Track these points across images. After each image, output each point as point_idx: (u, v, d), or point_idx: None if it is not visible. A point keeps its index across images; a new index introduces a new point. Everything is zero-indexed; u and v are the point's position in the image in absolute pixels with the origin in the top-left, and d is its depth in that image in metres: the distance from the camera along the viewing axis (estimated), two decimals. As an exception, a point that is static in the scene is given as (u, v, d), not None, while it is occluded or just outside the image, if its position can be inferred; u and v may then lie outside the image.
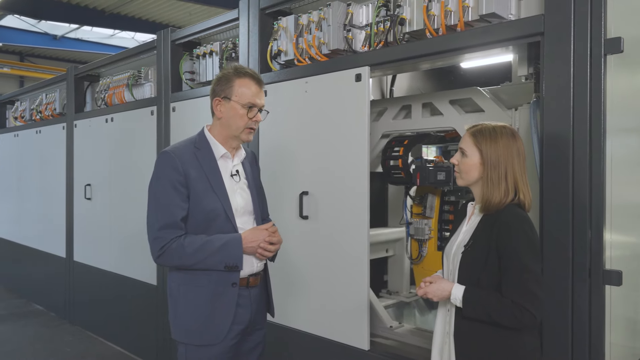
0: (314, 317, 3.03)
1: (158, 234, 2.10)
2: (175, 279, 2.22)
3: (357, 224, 2.81)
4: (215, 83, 2.23)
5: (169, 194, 2.11)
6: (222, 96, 2.19)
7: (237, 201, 2.24)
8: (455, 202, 3.39)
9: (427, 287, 1.95)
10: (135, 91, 4.62)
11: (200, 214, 2.14)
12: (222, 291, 2.15)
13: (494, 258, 1.82)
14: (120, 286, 4.71)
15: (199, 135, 2.27)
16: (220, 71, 2.28)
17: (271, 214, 3.26)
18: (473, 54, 2.55)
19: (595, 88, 2.00)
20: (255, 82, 2.22)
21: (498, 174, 1.86)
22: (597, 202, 2.00)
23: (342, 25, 2.94)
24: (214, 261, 2.11)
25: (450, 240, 2.07)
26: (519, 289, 1.77)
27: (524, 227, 1.81)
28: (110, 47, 16.35)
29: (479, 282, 1.86)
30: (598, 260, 2.00)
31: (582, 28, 2.02)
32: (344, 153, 2.86)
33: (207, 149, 2.22)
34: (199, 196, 2.14)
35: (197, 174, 2.15)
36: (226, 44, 3.72)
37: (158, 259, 2.13)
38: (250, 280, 2.26)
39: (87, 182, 5.17)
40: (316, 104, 3.01)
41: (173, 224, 2.10)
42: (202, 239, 2.12)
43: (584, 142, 2.01)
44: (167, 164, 2.14)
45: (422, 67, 3.17)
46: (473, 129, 1.95)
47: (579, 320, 2.03)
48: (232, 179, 2.26)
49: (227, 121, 2.20)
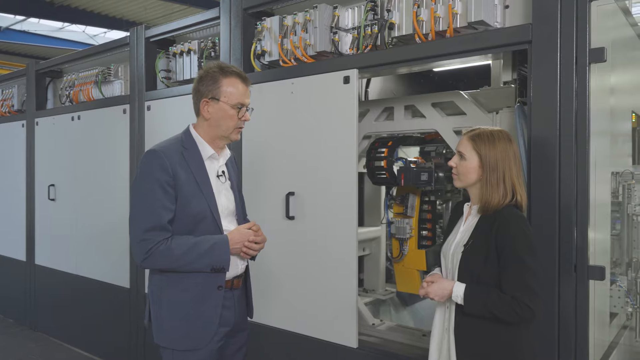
0: (302, 317, 3.06)
1: (144, 236, 2.03)
2: (158, 282, 2.16)
3: (345, 223, 2.85)
4: (200, 82, 2.17)
5: (157, 195, 2.04)
6: (209, 97, 2.13)
7: (222, 202, 2.22)
8: (434, 201, 3.49)
9: (428, 287, 2.02)
10: (105, 88, 4.48)
11: (187, 216, 2.10)
12: (207, 294, 2.12)
13: (493, 256, 1.91)
14: (88, 290, 4.56)
15: (185, 135, 2.21)
16: (204, 69, 2.20)
17: (257, 214, 3.26)
18: (461, 59, 2.64)
19: (581, 94, 2.13)
20: (242, 81, 2.18)
21: (496, 176, 1.95)
22: (583, 201, 2.13)
23: (329, 28, 2.98)
24: (201, 264, 2.07)
25: (447, 240, 2.14)
26: (518, 285, 1.86)
27: (522, 227, 1.91)
28: (60, 40, 15.73)
29: (478, 280, 1.95)
30: (583, 257, 2.13)
31: (568, 37, 2.14)
32: (332, 154, 2.90)
33: (195, 149, 2.17)
34: (187, 198, 2.09)
35: (185, 175, 2.10)
36: (205, 43, 3.67)
37: (143, 262, 2.06)
38: (234, 282, 2.24)
39: (50, 182, 4.97)
40: (303, 105, 3.04)
41: (160, 226, 2.05)
42: (190, 241, 2.07)
43: (570, 145, 2.14)
44: (156, 163, 2.07)
45: (409, 70, 3.24)
46: (471, 133, 2.03)
47: (564, 314, 2.16)
48: (218, 179, 2.23)
49: (217, 122, 2.16)
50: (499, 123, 2.78)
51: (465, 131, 2.12)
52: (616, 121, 3.02)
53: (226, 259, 2.10)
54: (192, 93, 2.20)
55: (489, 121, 2.83)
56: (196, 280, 2.10)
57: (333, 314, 2.92)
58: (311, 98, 3.00)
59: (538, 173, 2.22)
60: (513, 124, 2.67)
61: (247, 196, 3.31)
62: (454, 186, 3.61)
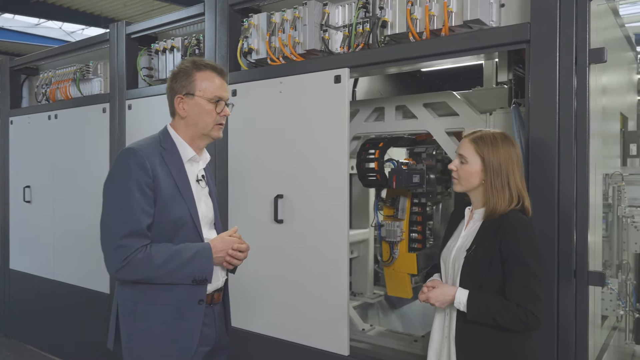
0: (291, 324, 2.96)
1: (121, 242, 1.84)
2: (131, 296, 1.95)
3: (336, 226, 2.77)
4: (173, 80, 2.04)
5: (135, 197, 1.86)
6: (183, 93, 1.99)
7: (202, 209, 2.06)
8: (424, 204, 3.43)
9: (429, 293, 1.95)
10: (83, 86, 4.32)
11: (166, 221, 1.93)
12: (187, 309, 1.94)
13: (497, 262, 1.85)
14: (66, 295, 4.39)
15: (163, 135, 2.05)
16: (176, 67, 2.08)
17: (244, 218, 3.17)
18: (454, 59, 2.57)
19: (581, 95, 2.08)
20: (218, 74, 2.04)
21: (501, 180, 1.89)
22: (582, 204, 2.08)
23: (319, 25, 2.89)
24: (182, 274, 1.90)
25: (448, 245, 2.08)
26: (523, 292, 1.80)
27: (528, 233, 1.86)
28: (36, 37, 15.33)
29: (481, 286, 1.88)
30: (583, 262, 2.08)
31: (568, 37, 2.09)
32: (322, 155, 2.81)
33: (174, 150, 2.02)
34: (166, 202, 1.92)
35: (165, 177, 1.94)
36: (189, 40, 3.55)
37: (118, 272, 1.86)
38: (215, 297, 2.07)
39: (26, 183, 4.78)
40: (292, 105, 2.94)
41: (139, 232, 1.86)
42: (171, 249, 1.90)
43: (570, 146, 2.09)
44: (135, 162, 1.89)
45: (399, 70, 3.17)
46: (473, 136, 1.97)
47: (564, 319, 2.11)
48: (198, 184, 2.08)
49: (194, 119, 2.01)
50: (493, 124, 2.73)
51: (465, 133, 2.05)
52: (607, 122, 3.00)
53: (209, 269, 1.94)
54: (166, 92, 2.06)
55: (483, 122, 2.78)
56: (175, 294, 1.92)
57: (323, 321, 2.83)
58: (301, 98, 2.90)
59: (536, 175, 2.16)
60: (507, 125, 2.62)
61: (234, 199, 3.24)
62: (444, 188, 3.59)
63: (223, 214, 3.23)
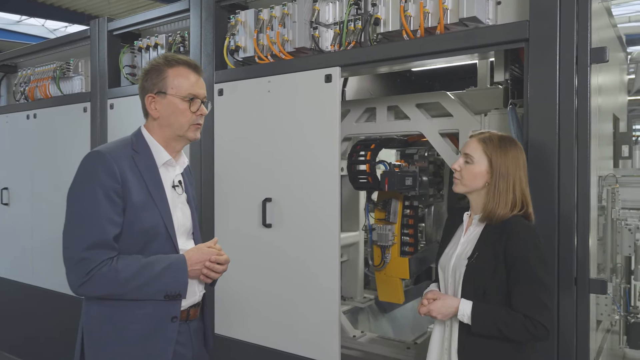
0: (280, 332, 2.86)
1: (84, 254, 1.67)
2: (96, 314, 1.78)
3: (327, 231, 2.67)
4: (144, 78, 1.88)
5: (101, 204, 1.69)
6: (155, 91, 1.84)
7: (178, 217, 1.90)
8: (416, 207, 3.35)
9: (430, 305, 1.85)
10: (63, 85, 4.16)
11: (137, 232, 1.77)
12: (158, 328, 1.78)
13: (501, 270, 1.76)
14: (46, 301, 4.23)
15: (136, 137, 1.89)
16: (147, 63, 1.92)
17: (230, 222, 3.05)
18: (448, 58, 2.48)
19: (582, 96, 2.01)
20: (192, 70, 1.88)
21: (506, 185, 1.81)
22: (583, 209, 2.01)
23: (309, 22, 2.79)
24: (153, 289, 1.74)
25: (445, 252, 1.99)
26: (531, 302, 1.72)
27: (534, 239, 1.78)
28: (17, 34, 15.00)
29: (484, 296, 1.80)
30: (584, 269, 2.01)
31: (568, 35, 2.01)
32: (312, 157, 2.71)
33: (147, 154, 1.85)
34: (137, 210, 1.76)
35: (136, 182, 1.78)
36: (174, 37, 3.43)
37: (81, 288, 1.69)
38: (191, 313, 1.90)
39: (3, 185, 4.60)
40: (281, 105, 2.84)
41: (104, 243, 1.70)
42: (140, 262, 1.74)
43: (570, 149, 2.01)
44: (101, 167, 1.72)
45: (390, 70, 3.08)
46: (481, 136, 1.88)
47: (564, 328, 2.03)
48: (174, 190, 1.92)
49: (167, 120, 1.85)
50: (488, 125, 2.65)
51: (472, 133, 1.97)
52: (601, 123, 2.94)
53: (183, 282, 1.77)
54: (138, 91, 1.91)
55: (477, 123, 2.71)
56: (145, 311, 1.76)
57: (313, 328, 2.73)
58: (290, 97, 2.80)
59: (535, 179, 2.08)
60: (503, 126, 2.55)
61: (220, 202, 3.12)
62: (436, 190, 3.52)
63: (209, 218, 3.12)
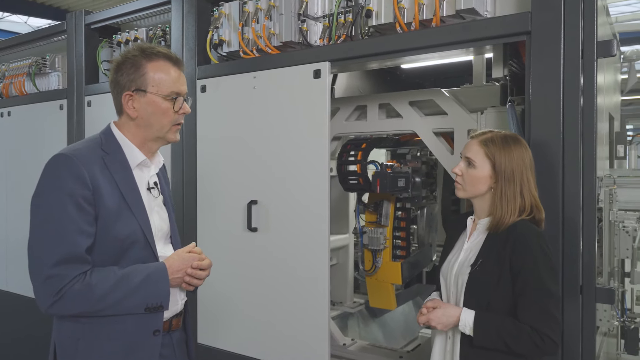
0: (266, 341, 2.70)
1: (53, 271, 1.51)
2: (71, 332, 1.63)
3: (317, 235, 2.52)
4: (117, 71, 1.70)
5: (70, 214, 1.54)
6: (132, 89, 1.67)
7: (155, 222, 1.76)
8: (408, 209, 3.21)
9: (430, 314, 1.72)
10: (39, 81, 3.97)
11: (112, 241, 1.62)
12: (140, 343, 1.65)
13: (506, 279, 1.64)
14: (20, 308, 4.03)
15: (105, 136, 1.72)
16: (121, 55, 1.72)
17: (214, 227, 2.89)
18: (444, 53, 2.35)
19: (588, 92, 1.88)
20: (174, 64, 1.72)
21: (513, 189, 1.68)
22: (589, 213, 1.88)
23: (296, 15, 2.64)
24: (132, 303, 1.59)
25: (448, 259, 1.85)
26: (539, 314, 1.60)
27: (542, 245, 1.65)
28: (-1, 31, 14.67)
29: (488, 306, 1.67)
30: (590, 277, 1.88)
31: (573, 28, 1.89)
32: (300, 157, 2.57)
33: (119, 154, 1.69)
34: (111, 217, 1.61)
35: (108, 187, 1.62)
36: (154, 31, 3.26)
37: (52, 308, 1.52)
38: (173, 323, 1.77)
39: (-24, 186, 4.39)
40: (267, 102, 2.68)
41: (75, 257, 1.54)
42: (116, 274, 1.59)
43: (576, 149, 1.89)
44: (68, 172, 1.56)
45: (380, 65, 2.95)
46: (483, 137, 1.75)
47: (569, 339, 1.90)
48: (150, 193, 1.77)
49: (147, 120, 1.69)
50: (485, 124, 2.53)
51: (473, 134, 1.84)
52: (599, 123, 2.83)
53: (165, 293, 1.64)
54: (110, 87, 1.74)
55: (473, 122, 2.58)
56: (125, 326, 1.62)
57: (301, 336, 2.58)
58: (276, 94, 2.65)
59: (538, 181, 1.94)
60: (500, 125, 2.42)
61: (203, 205, 2.96)
62: (429, 192, 3.39)
63: (191, 222, 2.96)
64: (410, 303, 4.13)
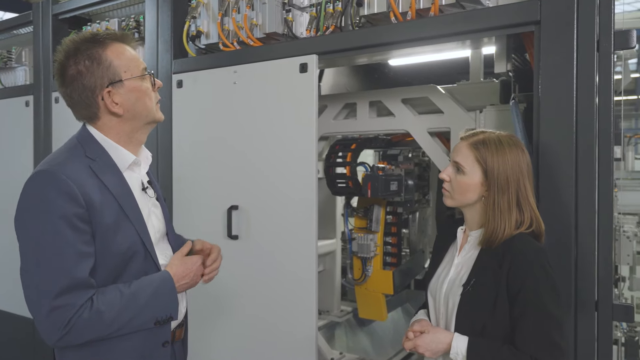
0: (248, 357, 2.49)
1: (57, 302, 1.35)
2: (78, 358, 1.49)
3: (303, 243, 2.32)
4: (78, 77, 1.48)
5: (66, 238, 1.38)
6: (107, 84, 1.50)
7: (154, 224, 1.64)
8: (400, 213, 3.02)
9: (417, 340, 1.52)
10: (4, 76, 3.74)
11: (114, 255, 1.48)
12: (149, 356, 1.55)
13: (503, 301, 1.45)
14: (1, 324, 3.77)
15: (83, 140, 1.54)
16: (60, 61, 1.51)
17: (191, 234, 2.64)
18: (447, 44, 2.15)
19: (604, 89, 1.70)
20: (122, 41, 1.56)
21: (508, 198, 1.49)
22: (605, 223, 1.70)
23: (281, 5, 2.44)
24: (142, 320, 1.48)
25: (436, 275, 1.65)
26: (540, 341, 1.40)
27: (543, 263, 1.46)
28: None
29: (483, 331, 1.48)
30: (606, 292, 1.71)
31: (589, 16, 1.71)
32: (285, 158, 2.36)
33: (106, 160, 1.53)
34: (110, 232, 1.46)
35: (101, 198, 1.46)
36: (127, 22, 3.02)
37: (61, 341, 1.37)
38: (177, 334, 1.68)
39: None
40: (249, 99, 2.47)
41: (80, 283, 1.39)
42: (123, 295, 1.45)
43: (591, 152, 1.70)
44: (56, 191, 1.38)
45: (370, 60, 2.75)
46: (473, 139, 1.55)
47: None
48: (145, 194, 1.62)
49: (134, 109, 1.54)
50: (484, 123, 2.34)
51: (463, 135, 1.64)
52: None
53: (174, 304, 1.54)
54: (72, 97, 1.51)
55: (471, 121, 2.40)
56: (133, 342, 1.50)
57: (287, 352, 2.38)
58: (259, 90, 2.44)
59: (547, 188, 1.77)
60: (501, 125, 2.24)
61: (179, 210, 2.73)
62: (421, 195, 3.21)
63: (166, 228, 2.73)
64: (400, 310, 3.96)
